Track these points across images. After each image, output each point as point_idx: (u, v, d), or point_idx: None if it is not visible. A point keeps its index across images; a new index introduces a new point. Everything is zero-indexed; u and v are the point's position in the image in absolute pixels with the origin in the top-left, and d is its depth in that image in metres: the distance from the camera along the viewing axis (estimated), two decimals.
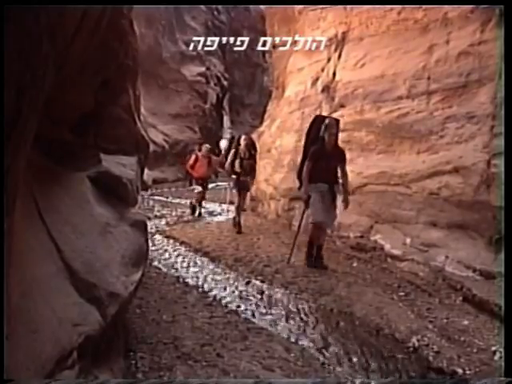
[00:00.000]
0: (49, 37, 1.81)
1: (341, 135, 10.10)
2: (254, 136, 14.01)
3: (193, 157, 12.82)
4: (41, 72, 1.88)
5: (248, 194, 10.81)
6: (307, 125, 8.45)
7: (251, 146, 10.12)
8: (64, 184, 3.69)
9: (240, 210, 10.14)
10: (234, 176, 10.01)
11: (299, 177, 7.22)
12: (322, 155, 6.86)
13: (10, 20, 1.46)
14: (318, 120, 7.36)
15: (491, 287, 5.47)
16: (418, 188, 7.59)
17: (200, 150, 13.14)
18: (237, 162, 9.89)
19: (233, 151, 10.02)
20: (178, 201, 15.01)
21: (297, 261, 7.17)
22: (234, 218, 10.16)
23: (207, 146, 13.45)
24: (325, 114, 10.52)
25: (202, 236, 9.09)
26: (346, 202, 6.93)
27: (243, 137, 10.20)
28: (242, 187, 10.08)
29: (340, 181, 7.06)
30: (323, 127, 7.02)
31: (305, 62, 11.71)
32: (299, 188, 7.31)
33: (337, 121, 7.40)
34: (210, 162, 12.74)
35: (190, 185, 13.39)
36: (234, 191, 10.26)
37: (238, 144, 10.03)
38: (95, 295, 3.14)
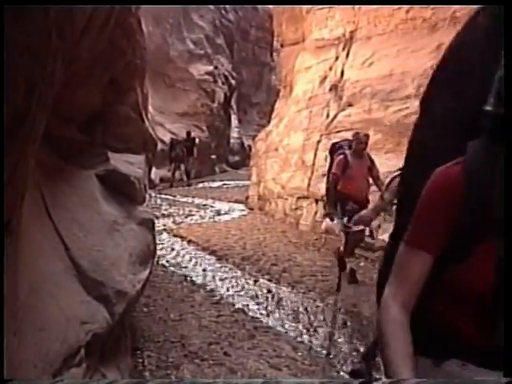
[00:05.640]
0: (58, 32, 1.81)
1: (348, 134, 10.13)
2: (262, 135, 13.86)
3: (338, 159, 6.30)
4: (50, 68, 1.87)
5: None
6: (315, 124, 8.36)
7: None
8: (72, 182, 3.70)
9: None
10: None
11: None
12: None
13: (19, 16, 1.45)
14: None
15: None
16: None
17: (350, 147, 6.35)
18: None
19: None
20: (185, 199, 14.96)
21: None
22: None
23: (360, 133, 6.70)
24: (333, 112, 10.49)
25: (210, 235, 9.08)
26: None
27: None
28: None
29: None
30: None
31: (313, 61, 11.68)
32: None
33: None
34: (371, 168, 6.33)
35: (329, 210, 6.54)
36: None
37: None
38: (103, 293, 3.14)
